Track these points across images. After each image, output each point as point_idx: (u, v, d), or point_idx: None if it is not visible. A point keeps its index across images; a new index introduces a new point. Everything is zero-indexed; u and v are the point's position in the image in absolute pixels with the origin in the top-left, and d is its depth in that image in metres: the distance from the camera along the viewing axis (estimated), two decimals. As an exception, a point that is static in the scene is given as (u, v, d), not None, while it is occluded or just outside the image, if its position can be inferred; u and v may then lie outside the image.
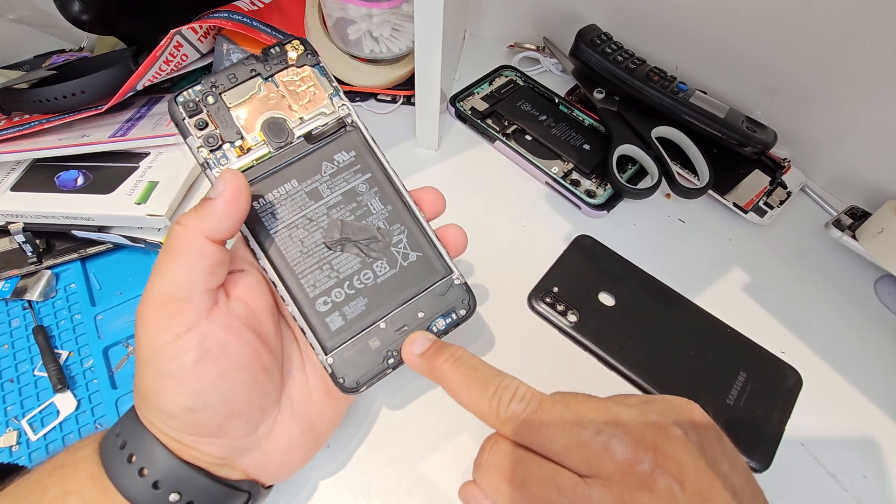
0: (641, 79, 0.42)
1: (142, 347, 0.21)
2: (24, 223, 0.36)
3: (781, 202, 0.41)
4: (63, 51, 0.52)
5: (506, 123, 0.45)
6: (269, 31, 0.45)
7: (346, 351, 0.25)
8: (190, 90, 0.25)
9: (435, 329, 0.26)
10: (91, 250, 0.38)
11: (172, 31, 0.39)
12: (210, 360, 0.21)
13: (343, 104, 0.27)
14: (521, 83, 0.49)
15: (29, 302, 0.36)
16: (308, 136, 0.26)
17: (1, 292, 0.36)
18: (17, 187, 0.38)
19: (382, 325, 0.26)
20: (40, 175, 0.38)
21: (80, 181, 0.37)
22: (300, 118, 0.26)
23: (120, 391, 0.33)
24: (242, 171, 0.25)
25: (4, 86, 0.41)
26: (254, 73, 0.26)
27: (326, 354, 0.25)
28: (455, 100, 0.47)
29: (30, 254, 0.37)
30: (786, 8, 0.38)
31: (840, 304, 0.38)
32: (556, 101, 0.47)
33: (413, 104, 0.44)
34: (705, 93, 0.42)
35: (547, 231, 0.40)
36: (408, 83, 0.48)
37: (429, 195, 0.28)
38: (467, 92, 0.48)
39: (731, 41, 0.42)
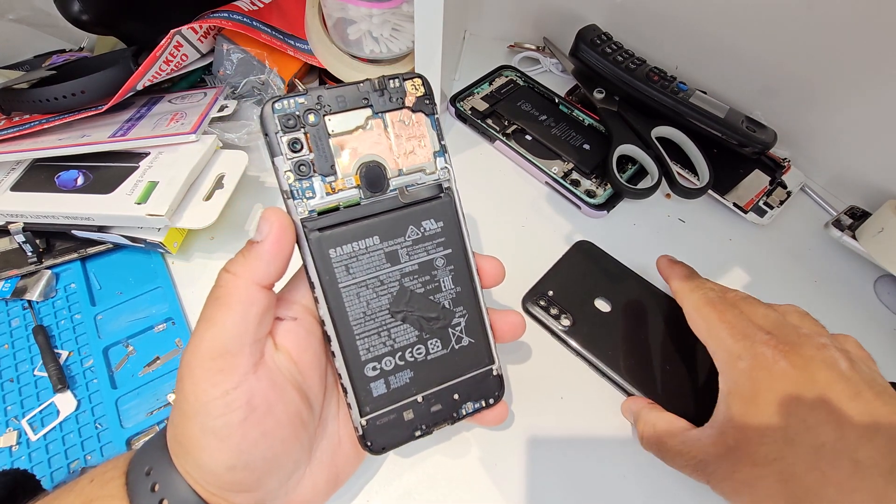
0: (641, 79, 0.42)
1: (188, 399, 0.21)
2: (24, 223, 0.36)
3: (781, 202, 0.41)
4: (63, 51, 0.52)
5: (506, 123, 0.45)
6: (269, 31, 0.45)
7: (381, 418, 0.25)
8: (291, 100, 0.22)
9: (464, 412, 0.26)
10: (91, 250, 0.38)
11: (172, 31, 0.39)
12: (256, 419, 0.21)
13: (446, 167, 0.25)
14: (521, 83, 0.49)
15: (29, 302, 0.36)
16: (402, 192, 0.24)
17: (1, 292, 0.36)
18: (17, 187, 0.38)
19: (420, 399, 0.25)
20: (40, 175, 0.38)
21: (80, 181, 0.37)
22: (399, 170, 0.24)
23: (120, 391, 0.33)
24: (325, 212, 0.23)
25: (4, 86, 0.41)
26: (365, 104, 0.24)
27: (362, 417, 0.24)
28: (455, 100, 0.47)
29: (30, 254, 0.37)
30: (786, 8, 0.38)
31: (840, 304, 0.38)
32: (556, 101, 0.47)
33: (413, 104, 0.44)
34: (705, 93, 0.42)
35: (547, 231, 0.40)
36: (408, 83, 0.48)
37: (489, 266, 0.27)
38: (467, 92, 0.48)
39: (731, 41, 0.42)
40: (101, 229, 0.37)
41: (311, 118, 0.23)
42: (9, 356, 0.34)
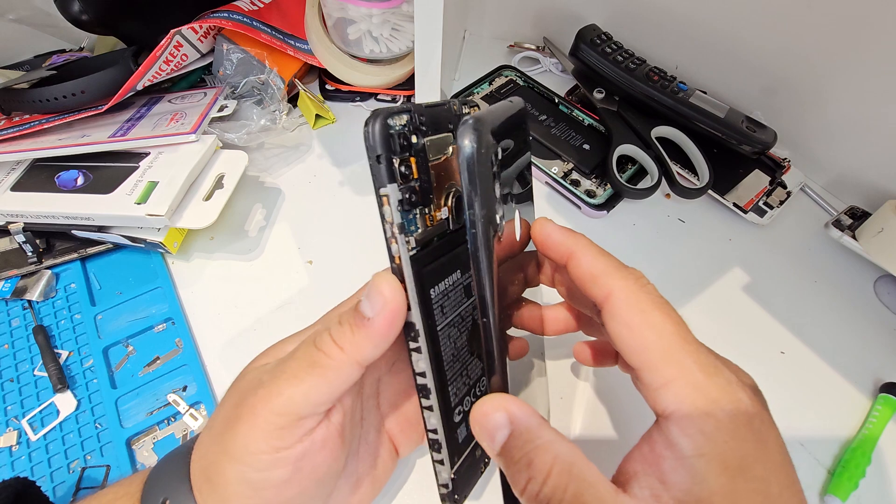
0: (641, 79, 0.42)
1: (236, 441, 0.19)
2: (24, 223, 0.36)
3: (781, 202, 0.41)
4: (63, 51, 0.52)
5: (506, 123, 0.45)
6: (269, 31, 0.45)
7: (464, 463, 0.23)
8: (403, 116, 0.18)
9: None
10: (91, 250, 0.38)
11: (172, 31, 0.39)
12: (298, 479, 0.20)
13: None
14: (521, 83, 0.49)
15: (29, 302, 0.36)
16: None
17: (1, 292, 0.36)
18: (17, 187, 0.38)
19: None
20: (40, 175, 0.38)
21: (80, 181, 0.37)
22: None
23: (120, 391, 0.33)
24: (422, 250, 0.20)
25: (4, 86, 0.41)
26: (450, 128, 0.21)
27: (452, 468, 0.22)
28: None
29: (30, 254, 0.37)
30: (786, 8, 0.38)
31: (840, 304, 0.38)
32: (556, 101, 0.47)
33: (413, 104, 0.44)
34: (705, 93, 0.42)
35: (547, 231, 0.40)
36: (408, 83, 0.48)
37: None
38: (467, 92, 0.48)
39: (731, 41, 0.42)
40: (101, 229, 0.37)
41: (415, 139, 0.19)
42: (9, 356, 0.34)
